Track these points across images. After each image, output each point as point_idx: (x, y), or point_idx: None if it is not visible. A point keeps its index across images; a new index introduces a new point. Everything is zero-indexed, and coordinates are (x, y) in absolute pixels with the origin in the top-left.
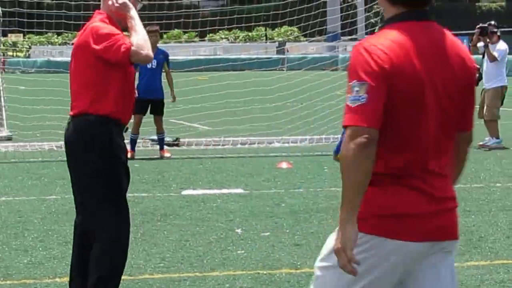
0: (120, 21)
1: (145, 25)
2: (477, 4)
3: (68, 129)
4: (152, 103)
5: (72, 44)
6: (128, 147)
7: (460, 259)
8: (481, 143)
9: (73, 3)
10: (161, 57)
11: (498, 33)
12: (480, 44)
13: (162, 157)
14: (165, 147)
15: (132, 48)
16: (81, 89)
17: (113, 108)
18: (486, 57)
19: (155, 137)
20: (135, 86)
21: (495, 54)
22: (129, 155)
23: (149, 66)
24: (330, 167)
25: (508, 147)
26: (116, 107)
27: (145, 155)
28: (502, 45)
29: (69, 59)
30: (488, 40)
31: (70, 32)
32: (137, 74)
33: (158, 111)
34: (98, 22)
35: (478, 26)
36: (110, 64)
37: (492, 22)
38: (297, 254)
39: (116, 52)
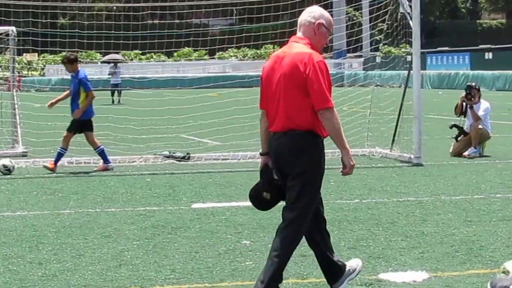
0: (319, 48)
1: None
2: (477, 21)
3: (284, 142)
4: (79, 123)
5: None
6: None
7: (462, 267)
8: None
9: (86, 22)
10: (76, 81)
11: (479, 93)
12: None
13: (106, 169)
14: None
15: (333, 111)
16: (296, 109)
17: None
18: (468, 116)
19: (167, 153)
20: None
21: (481, 113)
22: (49, 165)
23: (72, 89)
24: (336, 180)
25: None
26: None
27: (156, 170)
28: (485, 104)
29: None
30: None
31: (84, 50)
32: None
33: (83, 129)
34: (320, 58)
35: (463, 94)
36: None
37: (473, 84)
38: (304, 265)
39: (325, 101)
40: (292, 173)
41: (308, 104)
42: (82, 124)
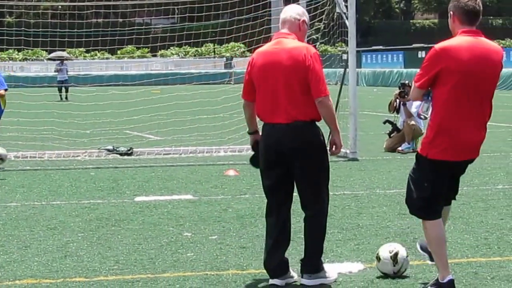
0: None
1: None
2: (411, 21)
3: (288, 133)
4: None
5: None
6: None
7: None
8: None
9: (32, 21)
10: None
11: None
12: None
13: None
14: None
15: (329, 98)
16: (300, 100)
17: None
18: (401, 113)
19: (111, 147)
20: None
21: (413, 110)
22: None
23: None
24: None
25: None
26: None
27: (100, 164)
28: (417, 101)
29: (30, 74)
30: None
31: (30, 48)
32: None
33: None
34: (315, 50)
35: (397, 92)
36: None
37: (407, 81)
38: (243, 256)
39: (324, 89)
40: (308, 166)
41: (311, 94)
42: None
